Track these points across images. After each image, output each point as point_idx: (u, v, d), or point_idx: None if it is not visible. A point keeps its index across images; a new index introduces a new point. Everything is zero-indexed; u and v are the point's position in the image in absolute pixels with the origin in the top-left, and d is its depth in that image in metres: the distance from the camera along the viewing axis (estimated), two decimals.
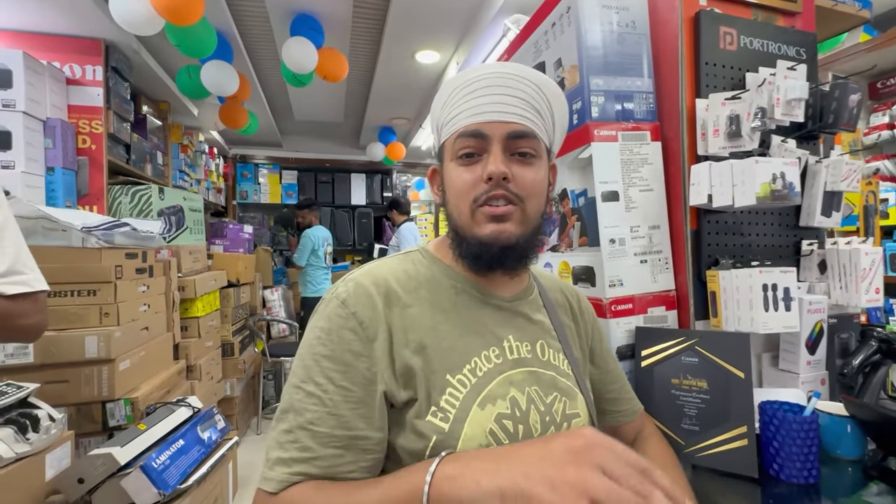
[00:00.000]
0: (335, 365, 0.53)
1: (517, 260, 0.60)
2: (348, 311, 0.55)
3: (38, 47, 1.93)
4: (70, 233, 1.47)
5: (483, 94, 0.57)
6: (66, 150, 1.91)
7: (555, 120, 0.62)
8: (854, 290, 0.87)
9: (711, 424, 0.77)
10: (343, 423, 0.51)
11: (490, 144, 0.57)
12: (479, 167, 0.57)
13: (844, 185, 0.91)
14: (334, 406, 0.51)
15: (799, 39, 0.98)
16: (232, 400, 2.74)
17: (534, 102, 0.58)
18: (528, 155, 0.58)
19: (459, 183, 0.58)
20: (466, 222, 0.58)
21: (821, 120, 0.93)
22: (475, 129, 0.57)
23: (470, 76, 0.59)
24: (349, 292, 0.56)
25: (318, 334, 0.55)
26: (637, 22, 0.96)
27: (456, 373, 0.55)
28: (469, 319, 0.60)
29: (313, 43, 2.32)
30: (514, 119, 0.57)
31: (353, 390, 0.52)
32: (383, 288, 0.57)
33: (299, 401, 0.52)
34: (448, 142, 0.61)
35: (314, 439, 0.50)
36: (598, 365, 0.73)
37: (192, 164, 3.40)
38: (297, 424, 0.51)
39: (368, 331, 0.54)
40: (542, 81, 0.60)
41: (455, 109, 0.59)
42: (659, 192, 0.94)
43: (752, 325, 0.81)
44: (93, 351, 1.42)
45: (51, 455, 1.14)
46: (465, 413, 0.53)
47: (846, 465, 0.76)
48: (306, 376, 0.53)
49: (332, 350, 0.53)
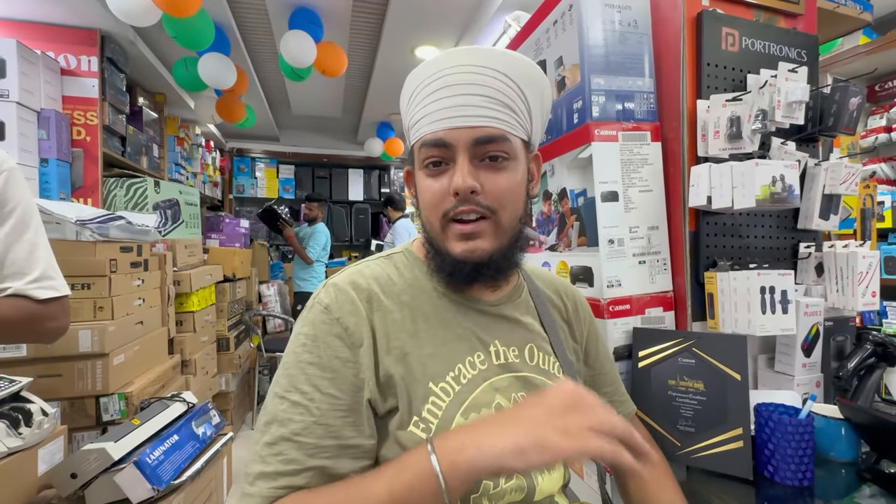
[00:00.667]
0: (322, 372, 0.50)
1: (494, 275, 0.58)
2: (332, 318, 0.53)
3: (32, 37, 1.90)
4: (64, 225, 1.46)
5: (444, 96, 0.53)
6: (61, 141, 1.89)
7: (530, 107, 0.56)
8: (851, 294, 0.87)
9: (707, 426, 0.77)
10: (332, 433, 0.49)
11: (456, 153, 0.53)
12: (447, 177, 0.54)
13: (843, 189, 0.91)
14: (322, 415, 0.49)
15: (800, 41, 0.98)
16: (227, 395, 2.73)
17: (503, 97, 0.53)
18: (499, 159, 0.54)
19: (428, 195, 0.55)
20: (438, 235, 0.56)
21: (821, 123, 0.93)
22: (438, 139, 0.53)
23: (430, 71, 0.54)
24: (332, 298, 0.54)
25: (303, 341, 0.53)
26: (639, 21, 0.95)
27: (439, 381, 0.54)
28: (452, 324, 0.58)
29: (312, 37, 2.30)
30: (480, 122, 0.52)
31: (341, 398, 0.50)
32: (365, 292, 0.55)
33: (283, 411, 0.49)
34: (415, 147, 0.57)
35: (300, 451, 0.47)
36: (592, 366, 0.72)
37: (189, 158, 3.38)
38: (281, 436, 0.48)
39: (354, 336, 0.52)
40: (512, 68, 0.54)
41: (418, 112, 0.55)
42: (658, 192, 0.94)
43: (750, 328, 0.81)
44: (86, 345, 1.40)
45: (43, 450, 1.13)
46: (447, 423, 0.52)
47: (840, 468, 0.76)
48: (290, 385, 0.50)
49: (318, 357, 0.51)
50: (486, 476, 0.45)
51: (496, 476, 0.51)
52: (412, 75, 0.58)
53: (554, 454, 0.40)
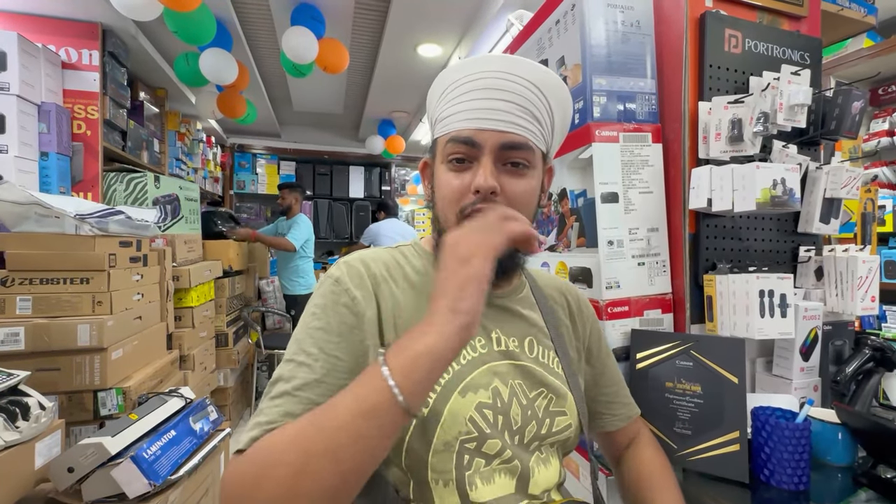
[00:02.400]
0: (328, 336, 0.53)
1: (501, 275, 0.59)
2: (341, 288, 0.56)
3: (33, 29, 1.90)
4: (63, 219, 1.46)
5: (478, 98, 0.55)
6: (61, 135, 1.88)
7: (554, 123, 0.60)
8: (850, 298, 0.87)
9: (704, 429, 0.77)
10: (330, 392, 0.49)
11: (481, 154, 0.55)
12: (469, 175, 0.56)
13: (844, 193, 0.91)
14: (324, 374, 0.51)
15: (804, 44, 0.98)
16: (225, 390, 2.73)
17: (532, 108, 0.56)
18: (520, 166, 0.56)
19: (447, 189, 0.57)
20: (451, 229, 0.56)
21: (823, 126, 0.92)
22: (467, 136, 0.55)
23: (467, 71, 0.57)
24: (342, 272, 0.58)
25: (312, 311, 0.56)
26: (642, 22, 0.95)
27: None
28: None
29: (314, 33, 2.29)
30: (509, 129, 0.55)
31: (344, 360, 0.52)
32: (373, 270, 0.59)
33: (288, 370, 0.52)
34: (440, 141, 0.59)
35: (298, 404, 0.49)
36: (594, 365, 0.73)
37: (189, 153, 3.37)
38: (282, 391, 0.50)
39: (360, 305, 0.55)
40: (543, 80, 0.57)
41: (449, 108, 0.57)
42: (658, 194, 0.93)
43: (748, 331, 0.81)
44: (85, 339, 1.40)
45: (41, 443, 1.13)
46: (445, 399, 0.54)
47: (836, 472, 0.76)
48: (298, 349, 0.53)
49: (326, 322, 0.54)
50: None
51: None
52: (447, 72, 0.60)
53: (481, 275, 0.46)
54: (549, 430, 0.59)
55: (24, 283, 1.39)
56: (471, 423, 0.54)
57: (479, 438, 0.54)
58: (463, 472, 0.53)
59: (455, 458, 0.53)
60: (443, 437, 0.53)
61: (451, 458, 0.53)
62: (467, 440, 0.54)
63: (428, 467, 0.53)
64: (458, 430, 0.53)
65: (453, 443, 0.53)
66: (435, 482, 0.53)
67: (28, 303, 1.39)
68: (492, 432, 0.55)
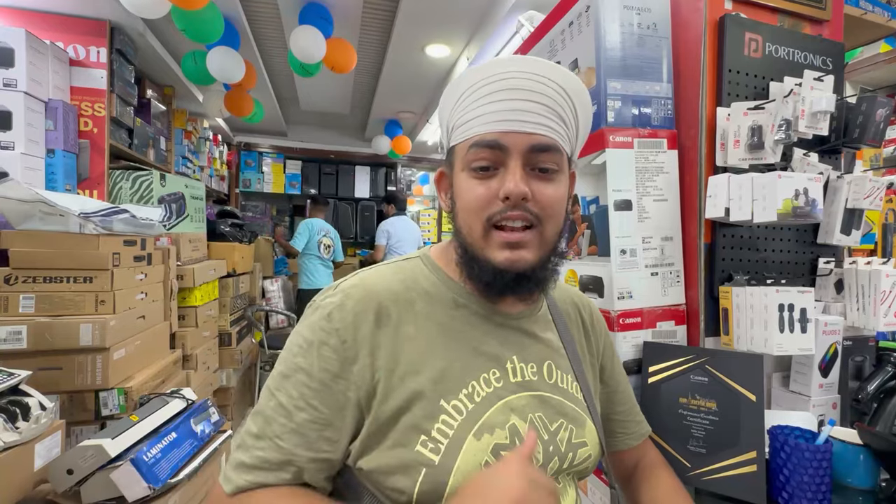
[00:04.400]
0: (309, 381, 0.51)
1: (533, 287, 0.55)
2: (332, 327, 0.52)
3: (41, 26, 1.90)
4: (67, 218, 1.45)
5: (502, 99, 0.51)
6: (68, 132, 1.88)
7: (579, 125, 0.57)
8: (872, 313, 0.84)
9: (719, 447, 0.74)
10: (307, 443, 0.50)
11: (509, 158, 0.51)
12: (496, 182, 0.51)
13: (867, 203, 0.88)
14: (300, 425, 0.50)
15: (826, 49, 0.95)
16: (228, 390, 2.72)
17: (558, 109, 0.52)
18: (549, 171, 0.52)
19: (472, 198, 0.52)
20: (478, 241, 0.53)
21: (845, 134, 0.89)
22: (493, 140, 0.51)
23: (487, 73, 0.52)
24: (336, 305, 0.53)
25: (300, 342, 0.53)
26: (659, 24, 0.92)
27: (451, 398, 0.51)
28: (468, 337, 0.55)
29: (322, 32, 2.28)
30: (537, 130, 0.51)
31: (322, 412, 0.50)
32: (374, 303, 0.53)
33: (271, 408, 0.51)
34: (460, 148, 0.54)
35: (277, 452, 0.50)
36: (607, 383, 0.70)
37: (196, 151, 3.37)
38: (264, 433, 0.51)
39: (349, 351, 0.51)
40: (567, 81, 0.54)
41: (469, 112, 0.53)
42: (673, 202, 0.91)
43: (766, 346, 0.78)
44: (87, 339, 1.39)
45: (40, 444, 1.12)
46: (458, 443, 0.49)
47: (857, 495, 0.73)
48: (281, 384, 0.52)
49: (309, 364, 0.51)
50: None
51: None
52: (461, 77, 0.56)
53: None
54: (571, 463, 0.56)
55: (27, 282, 1.38)
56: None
57: None
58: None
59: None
60: (457, 486, 0.47)
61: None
62: None
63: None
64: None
65: None
66: None
67: (31, 301, 1.38)
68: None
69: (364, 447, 0.51)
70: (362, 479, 0.52)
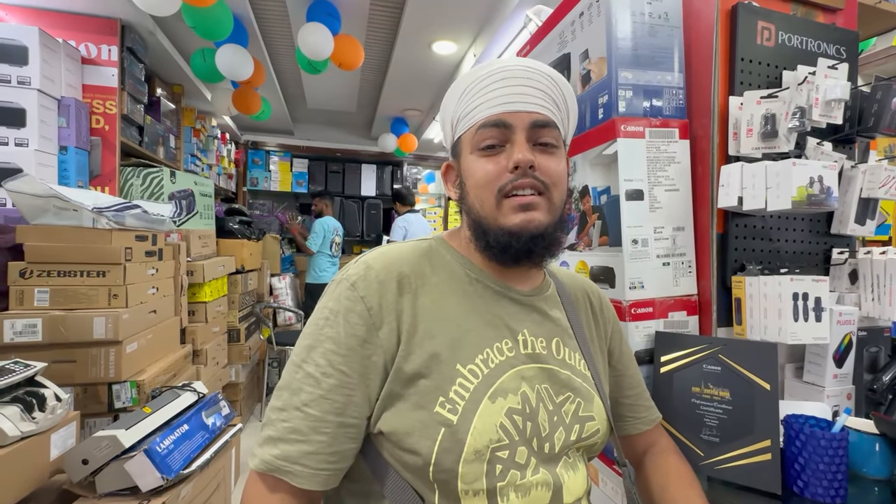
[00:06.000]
0: (337, 347, 0.52)
1: (545, 249, 0.58)
2: (357, 295, 0.54)
3: (54, 25, 1.92)
4: (81, 213, 1.47)
5: (503, 86, 0.57)
6: (80, 129, 1.90)
7: (569, 114, 0.63)
8: (888, 303, 0.83)
9: (733, 436, 0.74)
10: (336, 409, 0.51)
11: (514, 133, 0.56)
12: (503, 157, 0.56)
13: (882, 193, 0.87)
14: (330, 389, 0.51)
15: (840, 37, 0.94)
16: (236, 386, 2.75)
17: (552, 94, 0.58)
18: (550, 145, 0.58)
19: (482, 174, 0.57)
20: (491, 213, 0.57)
21: (860, 123, 0.88)
22: (498, 119, 0.56)
23: (486, 70, 0.59)
24: (360, 275, 0.56)
25: (325, 314, 0.55)
26: (670, 13, 0.91)
27: (467, 363, 0.54)
28: (482, 309, 0.58)
29: (330, 29, 2.29)
30: (537, 109, 0.57)
31: (350, 376, 0.52)
32: (395, 272, 0.56)
33: (298, 380, 0.52)
34: (467, 135, 0.59)
35: (305, 421, 0.51)
36: (616, 367, 0.71)
37: (204, 149, 3.40)
38: (291, 404, 0.52)
39: (375, 318, 0.53)
40: (556, 76, 0.60)
41: (474, 102, 0.58)
42: (685, 192, 0.90)
43: (780, 335, 0.78)
44: (100, 332, 1.41)
45: (56, 435, 1.14)
46: (475, 405, 0.52)
47: (873, 485, 0.73)
48: (307, 356, 0.53)
49: (336, 332, 0.53)
50: None
51: None
52: (463, 76, 0.61)
53: None
54: (579, 435, 0.57)
55: (42, 276, 1.40)
56: (501, 430, 0.52)
57: (510, 446, 0.52)
58: (494, 483, 0.51)
59: (486, 467, 0.51)
60: (473, 445, 0.50)
61: (482, 467, 0.51)
62: (498, 448, 0.52)
63: (458, 478, 0.50)
64: (489, 438, 0.51)
65: (484, 451, 0.51)
66: (465, 493, 0.50)
67: (45, 295, 1.40)
68: (520, 439, 0.53)
69: (384, 406, 0.53)
70: (381, 449, 0.53)
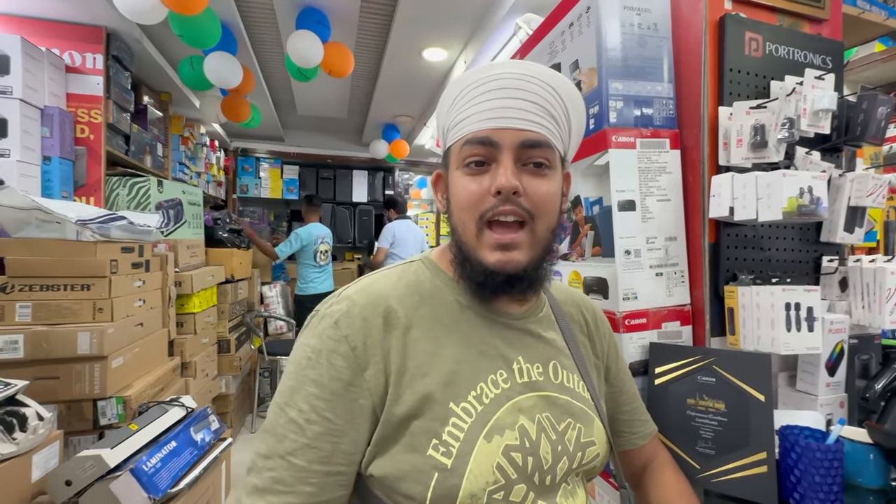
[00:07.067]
0: (321, 392, 0.49)
1: (525, 288, 0.56)
2: (340, 334, 0.51)
3: (36, 33, 1.89)
4: (65, 225, 1.44)
5: (494, 98, 0.52)
6: (64, 139, 1.87)
7: (571, 125, 0.57)
8: (878, 311, 0.84)
9: (728, 449, 0.73)
10: (321, 458, 0.48)
11: (500, 153, 0.52)
12: (488, 178, 0.52)
13: (870, 201, 0.88)
14: (315, 437, 0.48)
15: (826, 48, 0.95)
16: (227, 397, 2.70)
17: (549, 108, 0.53)
18: (542, 166, 0.53)
19: (465, 195, 0.53)
20: (471, 241, 0.54)
21: (846, 132, 0.89)
22: (484, 136, 0.52)
23: (480, 75, 0.54)
24: (343, 312, 0.52)
25: (307, 354, 0.51)
26: (659, 24, 0.92)
27: (460, 401, 0.51)
28: (475, 339, 0.55)
29: (319, 37, 2.28)
30: (528, 126, 0.52)
31: (336, 423, 0.49)
32: (381, 307, 0.53)
33: (281, 425, 0.50)
34: (454, 147, 0.56)
35: (290, 471, 0.48)
36: (612, 384, 0.70)
37: (193, 157, 3.36)
38: (275, 451, 0.49)
39: (360, 358, 0.50)
40: (558, 83, 0.55)
41: (463, 112, 0.54)
42: (677, 202, 0.90)
43: (773, 345, 0.78)
44: (85, 347, 1.38)
45: (38, 455, 1.10)
46: (470, 446, 0.49)
47: (868, 494, 0.72)
48: (290, 398, 0.50)
49: (319, 374, 0.50)
50: None
51: None
52: (457, 79, 0.57)
53: None
54: (580, 462, 0.56)
55: (24, 290, 1.37)
56: (498, 471, 0.49)
57: (507, 486, 0.50)
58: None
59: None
60: (469, 489, 0.48)
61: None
62: (495, 490, 0.49)
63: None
64: (485, 481, 0.49)
65: (481, 495, 0.48)
66: None
67: (28, 310, 1.36)
68: (519, 477, 0.51)
69: (376, 451, 0.50)
70: (373, 488, 0.51)
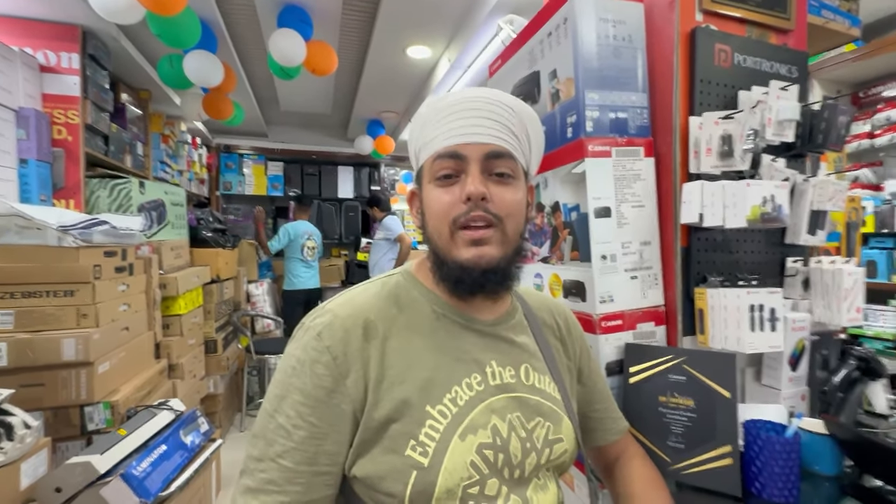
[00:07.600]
0: (305, 399, 0.54)
1: (499, 283, 0.60)
2: (322, 345, 0.55)
3: (9, 32, 1.84)
4: (45, 231, 1.42)
5: (460, 118, 0.58)
6: (41, 141, 1.83)
7: (531, 142, 0.63)
8: (836, 309, 0.89)
9: (697, 443, 0.78)
10: (307, 459, 0.53)
11: (468, 165, 0.57)
12: (458, 188, 0.58)
13: (830, 205, 0.93)
14: (301, 441, 0.53)
15: (791, 57, 0.99)
16: (216, 397, 2.70)
17: (510, 125, 0.59)
18: (505, 175, 0.59)
19: (437, 205, 0.58)
20: (446, 245, 0.58)
21: (810, 140, 0.94)
22: (453, 150, 0.58)
23: (446, 101, 0.60)
24: (325, 324, 0.57)
25: (293, 364, 0.56)
26: (633, 36, 0.95)
27: (436, 404, 0.56)
28: (450, 346, 0.60)
29: (302, 35, 2.26)
30: (491, 140, 0.58)
31: (320, 426, 0.53)
32: (361, 319, 0.58)
33: (271, 430, 0.54)
34: (426, 164, 0.61)
35: (280, 472, 0.52)
36: (585, 384, 0.74)
37: (174, 155, 3.30)
38: (266, 454, 0.53)
39: (341, 366, 0.55)
40: (516, 105, 0.61)
41: (433, 132, 0.60)
42: (651, 208, 0.94)
43: (739, 345, 0.82)
44: (70, 353, 1.37)
45: (26, 464, 1.10)
46: (445, 445, 0.54)
47: (824, 481, 0.78)
48: (279, 406, 0.55)
49: (303, 383, 0.54)
50: None
51: None
52: (428, 105, 0.63)
53: None
54: (548, 458, 0.60)
55: (5, 298, 1.35)
56: (472, 468, 0.54)
57: (481, 481, 0.54)
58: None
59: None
60: (445, 485, 0.52)
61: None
62: (470, 485, 0.54)
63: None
64: (459, 477, 0.53)
65: (456, 489, 0.53)
66: None
67: (10, 317, 1.35)
68: (491, 472, 0.55)
69: (357, 453, 0.54)
70: (356, 488, 0.55)
